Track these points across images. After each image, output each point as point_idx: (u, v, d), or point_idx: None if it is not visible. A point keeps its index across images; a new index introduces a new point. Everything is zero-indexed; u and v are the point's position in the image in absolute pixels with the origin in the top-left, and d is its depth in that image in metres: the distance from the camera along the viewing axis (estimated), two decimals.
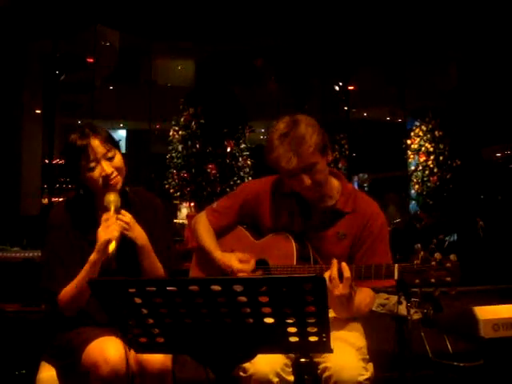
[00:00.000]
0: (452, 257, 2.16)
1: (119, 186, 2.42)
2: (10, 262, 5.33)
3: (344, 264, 2.26)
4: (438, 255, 2.17)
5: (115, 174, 2.41)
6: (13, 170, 14.70)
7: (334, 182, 2.58)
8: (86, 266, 2.34)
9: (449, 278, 2.14)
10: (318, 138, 2.38)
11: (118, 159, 2.44)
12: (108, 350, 2.16)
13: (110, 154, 2.41)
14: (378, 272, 2.27)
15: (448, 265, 2.15)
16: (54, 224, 2.47)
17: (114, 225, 2.33)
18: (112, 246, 2.29)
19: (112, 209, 2.35)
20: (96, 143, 2.39)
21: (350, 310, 2.32)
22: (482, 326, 3.53)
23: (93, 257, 2.33)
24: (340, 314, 2.41)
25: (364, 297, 2.46)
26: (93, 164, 2.38)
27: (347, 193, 2.57)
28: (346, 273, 2.23)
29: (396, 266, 2.23)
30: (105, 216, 2.34)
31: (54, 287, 2.39)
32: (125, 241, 2.40)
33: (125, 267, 2.45)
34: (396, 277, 2.22)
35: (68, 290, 2.35)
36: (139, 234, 2.41)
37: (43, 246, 2.47)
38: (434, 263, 2.16)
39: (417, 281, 2.18)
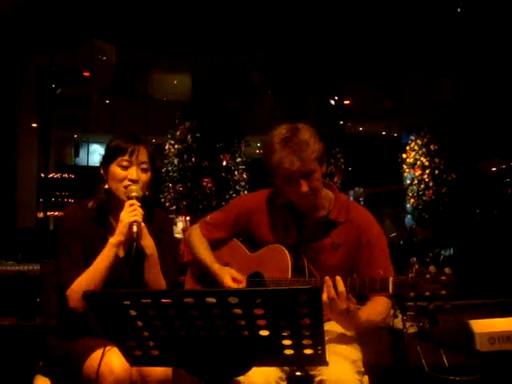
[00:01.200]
0: (447, 270, 2.15)
1: (133, 194, 2.43)
2: (4, 275, 5.31)
3: (338, 278, 2.25)
4: (432, 268, 2.16)
5: (139, 184, 2.46)
6: (8, 184, 14.67)
7: (327, 193, 2.60)
8: (105, 249, 2.38)
9: (443, 291, 2.13)
10: (319, 146, 2.41)
11: (149, 176, 2.52)
12: (112, 360, 2.16)
13: (144, 166, 2.49)
14: (373, 286, 2.26)
15: (443, 278, 2.14)
16: (64, 224, 2.51)
17: (138, 210, 2.38)
18: (135, 229, 2.34)
19: (134, 198, 2.41)
20: (142, 150, 2.48)
21: (357, 322, 2.30)
22: (478, 340, 3.52)
23: (114, 239, 2.39)
24: (349, 328, 2.40)
25: (374, 306, 2.46)
26: (127, 163, 2.45)
27: (340, 203, 2.58)
28: (340, 287, 2.22)
29: (390, 279, 2.22)
30: (129, 202, 2.40)
31: (61, 278, 2.42)
32: (137, 254, 2.40)
33: (136, 280, 2.45)
34: (390, 290, 2.22)
35: (83, 278, 2.36)
36: (150, 243, 2.44)
37: (57, 246, 2.50)
38: (428, 276, 2.15)
39: (411, 294, 2.17)
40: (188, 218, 15.05)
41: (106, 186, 2.52)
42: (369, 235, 2.52)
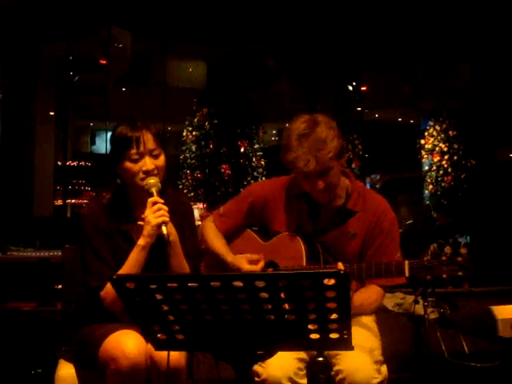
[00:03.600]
0: (462, 250, 2.13)
1: (153, 189, 2.35)
2: (25, 262, 5.35)
3: (339, 264, 2.27)
4: (448, 249, 2.14)
5: (155, 172, 2.38)
6: (26, 172, 14.75)
7: (343, 181, 2.55)
8: (134, 252, 2.33)
9: (460, 273, 2.11)
10: (338, 142, 2.34)
11: (162, 159, 2.43)
12: (127, 343, 2.14)
13: (156, 152, 2.40)
14: (389, 270, 2.26)
15: (459, 259, 2.12)
16: (86, 220, 2.44)
17: (164, 209, 2.30)
18: (165, 230, 2.26)
19: (155, 193, 2.33)
20: (148, 137, 2.38)
21: (351, 308, 2.31)
22: (501, 326, 3.50)
23: (142, 241, 2.32)
24: None
25: (368, 295, 2.47)
26: (137, 156, 2.36)
27: (356, 192, 2.55)
28: None
29: (406, 262, 2.21)
30: (152, 199, 2.32)
31: (92, 282, 2.37)
32: (159, 241, 2.37)
33: (153, 267, 2.42)
34: (407, 274, 2.20)
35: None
36: (171, 229, 2.36)
37: (80, 244, 2.44)
38: (444, 258, 2.14)
39: (428, 277, 2.15)
40: (203, 206, 15.06)
41: (119, 181, 2.46)
42: (383, 225, 2.50)
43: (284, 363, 2.20)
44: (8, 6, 12.47)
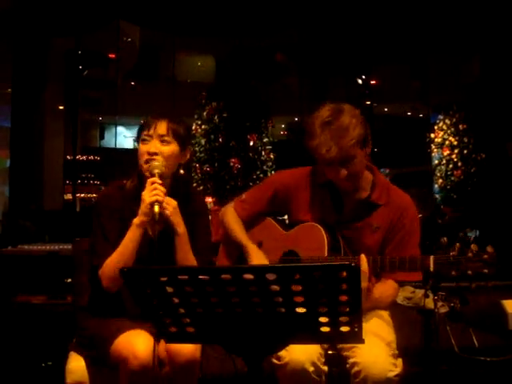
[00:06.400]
0: (489, 248, 2.12)
1: (155, 171, 2.37)
2: (35, 255, 5.38)
3: (362, 256, 2.26)
4: (474, 246, 2.13)
5: (158, 157, 2.40)
6: (36, 166, 14.80)
7: (367, 175, 2.55)
8: (130, 230, 2.36)
9: (486, 270, 2.10)
10: (361, 130, 2.35)
11: (171, 149, 2.44)
12: (137, 344, 2.16)
13: (166, 138, 2.42)
14: (413, 264, 2.25)
15: (485, 256, 2.11)
16: (100, 202, 2.49)
17: (159, 189, 2.32)
18: (157, 209, 2.29)
19: (156, 174, 2.35)
20: (162, 123, 2.43)
21: (370, 301, 2.31)
22: (511, 320, 3.50)
23: (137, 219, 2.35)
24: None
25: (386, 288, 2.46)
26: (147, 138, 2.42)
27: (381, 185, 2.54)
28: (363, 266, 2.22)
29: (431, 257, 2.19)
30: (151, 180, 2.35)
31: (94, 260, 2.40)
32: (164, 233, 2.38)
33: (162, 259, 2.42)
34: (432, 269, 2.19)
35: (112, 258, 2.34)
36: (181, 221, 2.39)
37: (91, 225, 2.48)
38: (470, 255, 2.13)
39: (453, 273, 2.14)
40: (212, 200, 15.06)
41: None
42: (406, 220, 2.50)
43: (307, 348, 2.20)
44: (17, 1, 12.51)
